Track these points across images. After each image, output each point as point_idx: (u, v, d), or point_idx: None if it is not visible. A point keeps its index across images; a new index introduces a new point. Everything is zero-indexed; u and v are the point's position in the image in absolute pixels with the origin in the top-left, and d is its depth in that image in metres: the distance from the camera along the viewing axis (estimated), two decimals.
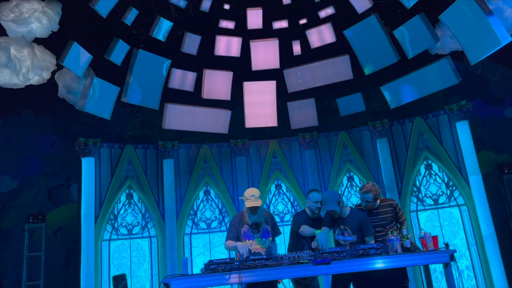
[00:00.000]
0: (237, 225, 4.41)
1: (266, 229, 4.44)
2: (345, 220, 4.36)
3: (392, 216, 4.46)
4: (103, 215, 7.10)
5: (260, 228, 4.40)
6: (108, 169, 7.34)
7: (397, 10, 6.93)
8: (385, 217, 4.44)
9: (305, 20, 7.18)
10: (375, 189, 4.46)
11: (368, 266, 3.82)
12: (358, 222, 4.31)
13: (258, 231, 4.38)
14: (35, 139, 7.73)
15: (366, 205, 4.48)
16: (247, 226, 4.39)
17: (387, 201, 4.59)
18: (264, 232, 4.42)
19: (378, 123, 7.62)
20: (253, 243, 4.34)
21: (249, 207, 4.29)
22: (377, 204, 4.51)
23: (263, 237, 4.39)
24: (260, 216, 4.33)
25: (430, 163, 7.38)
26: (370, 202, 4.44)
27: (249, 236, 4.37)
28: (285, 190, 7.89)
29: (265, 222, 4.46)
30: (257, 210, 4.30)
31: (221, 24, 7.07)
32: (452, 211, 7.18)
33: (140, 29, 6.86)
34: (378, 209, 4.49)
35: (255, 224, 4.37)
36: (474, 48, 5.91)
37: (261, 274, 3.82)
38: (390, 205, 4.52)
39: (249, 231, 4.39)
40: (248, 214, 4.35)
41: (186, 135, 7.81)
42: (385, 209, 4.48)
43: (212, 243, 7.57)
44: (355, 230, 4.31)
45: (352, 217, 4.36)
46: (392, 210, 4.48)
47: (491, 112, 7.62)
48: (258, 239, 4.36)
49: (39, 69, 6.55)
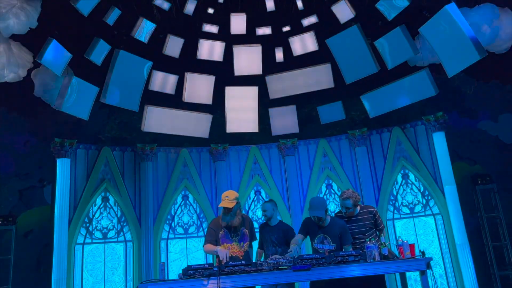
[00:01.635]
0: (215, 228, 4.37)
1: (244, 233, 4.41)
2: (325, 228, 4.37)
3: (371, 223, 4.48)
4: (77, 218, 6.92)
5: (238, 231, 4.37)
6: (84, 171, 7.17)
7: (378, 22, 7.07)
8: (364, 224, 4.46)
9: (288, 28, 7.24)
10: (355, 196, 4.49)
11: (347, 273, 3.83)
12: (338, 231, 4.33)
13: (236, 235, 4.34)
14: (7, 138, 7.50)
15: (346, 212, 4.50)
16: (225, 229, 4.35)
17: (367, 208, 4.60)
18: (242, 236, 4.38)
19: (357, 131, 7.73)
20: (231, 246, 4.30)
21: (222, 207, 4.29)
22: (357, 211, 4.53)
23: (241, 241, 4.35)
24: (232, 218, 4.28)
25: (407, 172, 7.52)
26: (350, 208, 4.46)
27: (227, 239, 4.33)
28: (264, 196, 7.88)
29: (244, 227, 4.42)
30: (229, 212, 4.28)
31: (204, 28, 7.04)
32: (427, 220, 7.33)
33: (121, 30, 6.75)
34: (358, 216, 4.51)
35: (233, 228, 4.33)
36: (452, 61, 6.07)
37: (240, 280, 3.78)
38: (370, 212, 4.53)
39: (227, 234, 4.34)
40: (222, 215, 4.33)
41: (165, 138, 7.71)
42: (365, 216, 4.50)
43: (189, 248, 7.46)
44: (335, 239, 4.32)
45: (333, 226, 4.37)
46: (372, 217, 4.49)
47: (465, 124, 7.85)
48: (236, 242, 4.32)
49: (15, 66, 6.37)
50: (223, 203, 4.26)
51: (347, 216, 4.51)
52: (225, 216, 4.29)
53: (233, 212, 4.28)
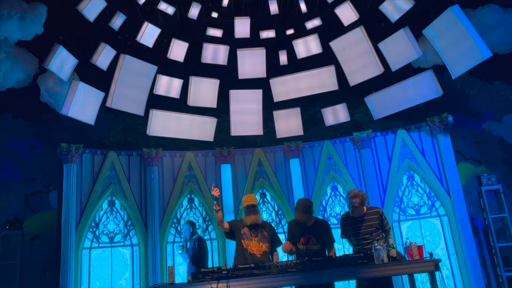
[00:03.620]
0: (237, 225, 4.67)
1: (264, 235, 4.59)
2: (310, 228, 4.43)
3: (378, 224, 4.50)
4: (84, 223, 6.93)
5: (258, 232, 4.58)
6: (90, 176, 7.19)
7: (381, 24, 7.08)
8: (371, 224, 4.48)
9: (292, 31, 7.26)
10: (362, 195, 4.54)
11: (356, 275, 3.84)
12: (323, 231, 4.42)
13: (256, 234, 4.56)
14: (13, 143, 7.53)
15: (353, 211, 4.53)
16: (247, 228, 4.58)
17: (373, 209, 4.62)
18: (262, 237, 4.57)
19: (361, 133, 7.73)
20: (250, 244, 4.51)
21: (247, 206, 4.58)
22: (364, 212, 4.55)
23: (260, 241, 4.54)
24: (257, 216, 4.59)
25: (413, 174, 7.51)
26: (357, 207, 4.49)
27: (248, 237, 4.56)
28: (269, 198, 7.89)
29: (264, 229, 4.63)
30: (254, 209, 4.59)
31: (208, 32, 7.07)
32: (433, 221, 7.31)
33: (126, 35, 6.79)
34: (364, 217, 4.52)
35: (253, 227, 4.56)
36: (456, 62, 6.08)
37: (248, 283, 3.79)
38: (376, 212, 4.56)
39: (249, 233, 4.57)
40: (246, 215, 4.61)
41: (170, 142, 7.75)
42: (372, 216, 4.52)
43: None
44: (320, 239, 4.39)
45: (318, 226, 4.47)
46: (379, 218, 4.52)
47: (470, 125, 7.84)
48: (255, 241, 4.53)
49: (21, 72, 6.42)
50: (249, 201, 4.62)
51: (354, 216, 4.54)
52: (250, 213, 4.58)
53: (258, 209, 4.65)
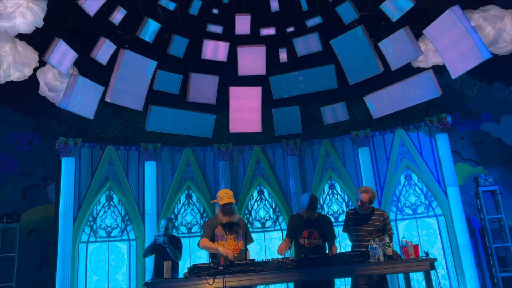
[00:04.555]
0: (212, 226, 4.46)
1: (239, 232, 4.49)
2: (313, 222, 4.45)
3: (380, 226, 4.62)
4: (81, 217, 6.94)
5: (233, 230, 4.45)
6: (88, 170, 7.20)
7: (382, 23, 7.08)
8: (374, 225, 4.59)
9: (292, 28, 7.25)
10: (372, 192, 4.63)
11: (353, 273, 3.86)
12: (324, 226, 4.44)
13: (231, 232, 4.43)
14: (11, 136, 7.54)
15: (360, 206, 4.59)
16: (220, 227, 4.42)
17: (380, 211, 4.78)
18: (237, 235, 4.47)
19: (360, 132, 7.75)
20: (226, 244, 4.37)
21: (223, 204, 4.38)
22: (370, 211, 4.64)
23: (236, 239, 4.44)
24: (234, 214, 4.41)
25: (410, 173, 7.53)
26: (365, 202, 4.56)
27: (223, 237, 4.41)
28: (267, 196, 7.90)
29: (238, 226, 4.51)
30: (231, 207, 4.39)
31: (209, 28, 7.04)
32: (430, 221, 7.34)
33: (126, 30, 6.78)
34: (370, 216, 4.64)
35: (229, 225, 4.41)
36: (455, 63, 6.09)
37: (245, 279, 3.81)
38: (382, 215, 4.70)
39: (223, 232, 4.42)
40: (222, 213, 4.42)
41: (168, 137, 7.75)
42: (376, 217, 4.65)
43: (192, 247, 7.49)
44: (322, 234, 4.41)
45: (321, 221, 4.49)
46: (382, 221, 4.65)
47: (468, 125, 7.88)
48: (231, 240, 4.40)
49: (21, 65, 6.38)
50: (226, 199, 4.37)
51: (360, 212, 4.61)
52: (227, 211, 4.39)
53: (234, 208, 4.43)
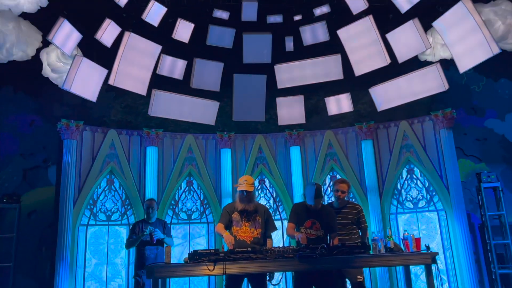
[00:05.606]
0: (230, 211, 4.45)
1: (257, 220, 4.44)
2: (317, 213, 4.43)
3: (354, 219, 4.65)
4: (81, 200, 6.92)
5: (250, 218, 4.40)
6: (89, 153, 7.16)
7: (390, 15, 6.98)
8: (347, 217, 4.63)
9: (300, 17, 7.16)
10: (348, 183, 4.76)
11: (354, 264, 3.85)
12: (327, 218, 4.42)
13: (248, 219, 4.39)
14: (13, 117, 7.49)
15: (339, 198, 4.65)
16: (237, 213, 4.40)
17: (353, 204, 4.83)
18: (254, 222, 4.41)
19: (364, 124, 7.69)
20: (240, 230, 4.35)
21: (240, 191, 4.37)
22: (344, 204, 4.71)
23: (252, 226, 4.39)
24: (250, 202, 4.39)
25: (413, 167, 7.50)
26: (345, 193, 4.63)
27: (237, 223, 4.39)
28: (268, 185, 7.88)
29: (258, 214, 4.46)
30: (247, 195, 4.35)
31: (215, 13, 6.96)
32: (430, 215, 7.33)
33: (131, 12, 6.68)
34: (344, 209, 4.68)
35: (245, 212, 4.37)
36: (464, 56, 6.01)
37: (245, 267, 3.80)
38: (355, 208, 4.73)
39: (239, 218, 4.40)
40: (239, 199, 4.40)
41: (171, 123, 7.70)
42: (350, 210, 4.69)
43: (191, 234, 7.49)
44: (324, 225, 4.39)
45: (324, 212, 4.47)
46: (356, 214, 4.67)
47: (472, 121, 7.84)
48: (245, 227, 4.36)
49: (24, 45, 6.31)
50: (243, 186, 4.35)
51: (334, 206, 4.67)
52: (243, 199, 4.37)
53: (251, 195, 4.38)
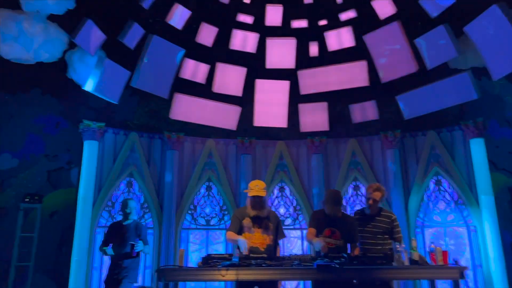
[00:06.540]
0: (240, 217, 4.22)
1: (269, 227, 4.22)
2: (336, 221, 4.18)
3: (387, 228, 4.25)
4: (100, 201, 6.93)
5: (262, 224, 4.20)
6: (110, 155, 7.19)
7: (418, 20, 6.77)
8: (379, 226, 4.25)
9: (325, 22, 7.03)
10: (384, 190, 4.31)
11: (376, 276, 3.62)
12: (348, 227, 4.16)
13: (260, 226, 4.16)
14: (40, 119, 7.60)
15: (371, 206, 4.29)
16: (248, 219, 4.19)
17: (387, 213, 4.41)
18: (266, 229, 4.20)
19: (390, 133, 7.43)
20: (253, 236, 4.11)
21: (252, 196, 4.12)
22: (377, 212, 4.33)
23: (265, 233, 4.16)
24: (263, 208, 4.14)
25: (440, 178, 7.17)
26: (377, 201, 4.26)
27: (249, 229, 4.15)
28: (288, 193, 7.70)
29: (269, 220, 4.26)
30: (260, 201, 4.12)
31: (239, 18, 6.93)
32: (460, 230, 6.96)
33: (156, 15, 6.72)
34: (376, 216, 4.30)
35: (257, 218, 4.17)
36: (497, 63, 5.73)
37: (259, 273, 3.63)
38: (389, 217, 4.31)
39: (250, 224, 4.17)
40: (250, 205, 4.16)
41: (192, 128, 7.66)
42: (383, 218, 4.30)
43: (209, 240, 7.38)
44: (344, 234, 4.14)
45: (343, 221, 4.21)
46: (389, 223, 4.27)
47: (504, 134, 7.44)
48: (258, 234, 4.14)
49: (51, 47, 6.43)
50: (255, 191, 4.12)
51: (367, 213, 4.33)
52: (255, 204, 4.13)
53: (263, 201, 4.14)
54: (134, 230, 4.96)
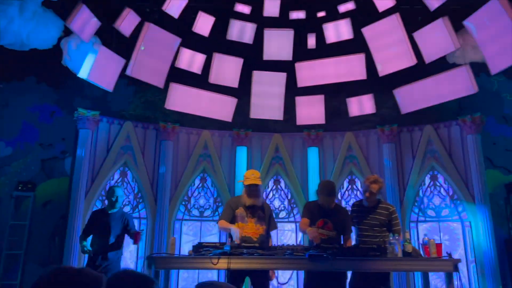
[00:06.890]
0: (233, 206, 4.19)
1: (262, 217, 4.20)
2: (330, 212, 4.15)
3: (385, 221, 4.22)
4: (93, 191, 6.86)
5: (256, 214, 4.17)
6: (105, 144, 7.11)
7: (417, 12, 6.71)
8: (377, 219, 4.22)
9: (323, 13, 6.95)
10: (382, 182, 4.29)
11: (368, 267, 3.58)
12: (340, 218, 4.14)
13: (253, 216, 4.14)
14: (35, 107, 7.54)
15: (369, 198, 4.24)
16: (242, 208, 4.16)
17: (386, 205, 4.39)
18: (259, 219, 4.18)
19: (386, 127, 7.38)
20: (246, 226, 4.09)
21: (248, 185, 4.10)
22: (376, 203, 4.29)
23: (258, 223, 4.14)
24: (258, 197, 4.12)
25: (436, 173, 7.14)
26: (374, 193, 4.21)
27: (242, 219, 4.14)
28: (283, 186, 7.66)
29: (262, 211, 4.22)
30: (256, 189, 4.09)
31: (236, 7, 6.84)
32: (454, 225, 6.94)
33: (152, 3, 6.63)
34: (374, 208, 4.27)
35: (251, 207, 4.13)
36: (496, 57, 5.68)
37: (250, 262, 3.60)
38: (387, 209, 4.29)
39: (244, 214, 4.15)
40: (247, 194, 4.13)
41: (187, 119, 7.59)
42: (382, 210, 4.27)
43: (203, 231, 7.33)
44: (337, 225, 4.11)
45: (338, 212, 4.18)
46: (387, 215, 4.24)
47: (502, 131, 7.44)
48: (251, 223, 4.12)
49: (46, 33, 6.35)
50: (251, 180, 4.10)
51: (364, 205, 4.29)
52: (251, 193, 4.11)
53: (259, 189, 4.13)
54: (120, 220, 4.66)
